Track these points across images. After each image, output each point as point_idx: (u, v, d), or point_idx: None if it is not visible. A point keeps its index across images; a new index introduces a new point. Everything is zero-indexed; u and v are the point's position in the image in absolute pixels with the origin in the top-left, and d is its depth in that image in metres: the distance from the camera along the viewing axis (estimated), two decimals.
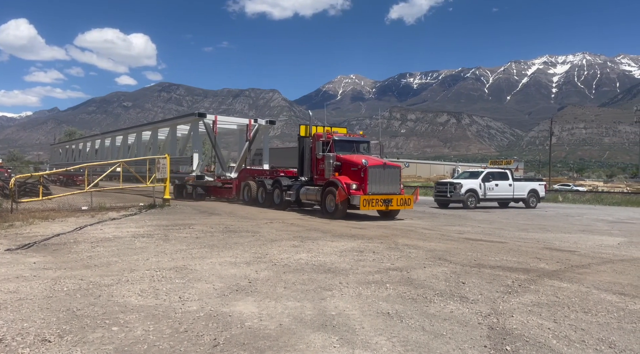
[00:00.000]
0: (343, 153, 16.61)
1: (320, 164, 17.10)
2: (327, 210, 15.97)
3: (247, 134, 26.77)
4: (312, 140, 17.77)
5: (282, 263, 7.53)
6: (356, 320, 4.69)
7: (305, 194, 17.50)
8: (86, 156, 43.29)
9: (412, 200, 16.08)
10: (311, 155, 17.71)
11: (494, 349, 4.00)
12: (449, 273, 6.95)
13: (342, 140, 17.25)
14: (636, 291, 6.01)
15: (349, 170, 15.93)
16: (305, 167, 18.12)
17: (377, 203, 15.19)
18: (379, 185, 15.54)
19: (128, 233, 10.97)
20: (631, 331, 4.47)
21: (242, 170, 24.33)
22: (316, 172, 17.38)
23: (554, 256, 8.58)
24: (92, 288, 5.84)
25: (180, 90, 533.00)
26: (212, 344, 4.03)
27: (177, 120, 30.50)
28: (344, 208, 15.48)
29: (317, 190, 16.70)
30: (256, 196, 20.78)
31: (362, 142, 17.85)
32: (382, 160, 16.42)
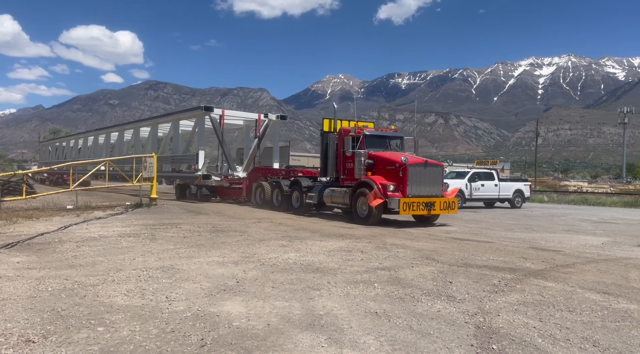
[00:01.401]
0: (374, 150, 14.88)
1: (347, 162, 15.37)
2: (359, 214, 14.12)
3: (256, 130, 25.27)
4: (338, 136, 15.96)
5: (270, 262, 7.51)
6: (344, 320, 4.70)
7: (330, 196, 15.65)
8: (78, 154, 41.44)
9: (456, 203, 14.33)
10: (336, 153, 15.94)
11: (480, 348, 4.03)
12: (436, 272, 6.99)
13: (373, 136, 15.40)
14: (620, 290, 6.10)
15: (383, 169, 14.19)
16: (330, 166, 16.25)
17: (418, 207, 13.38)
18: (419, 186, 13.79)
19: (114, 233, 10.86)
20: (615, 330, 4.54)
21: (253, 170, 22.44)
22: (343, 172, 15.65)
23: (540, 256, 8.68)
24: (77, 288, 5.77)
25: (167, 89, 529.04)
26: (199, 345, 4.00)
27: (180, 114, 28.59)
28: (379, 212, 13.60)
29: (345, 191, 14.91)
30: (270, 198, 18.81)
31: (395, 138, 15.95)
32: (423, 158, 14.54)
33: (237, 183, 23.42)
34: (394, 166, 13.92)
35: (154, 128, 30.39)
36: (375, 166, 14.46)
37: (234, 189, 23.17)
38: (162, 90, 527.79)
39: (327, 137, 16.47)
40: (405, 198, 13.31)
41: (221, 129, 24.33)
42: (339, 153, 15.83)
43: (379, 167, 14.36)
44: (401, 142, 16.04)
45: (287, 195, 17.70)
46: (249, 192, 21.05)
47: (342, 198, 15.04)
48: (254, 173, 21.71)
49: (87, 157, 37.68)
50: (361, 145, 14.94)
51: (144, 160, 18.63)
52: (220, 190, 23.82)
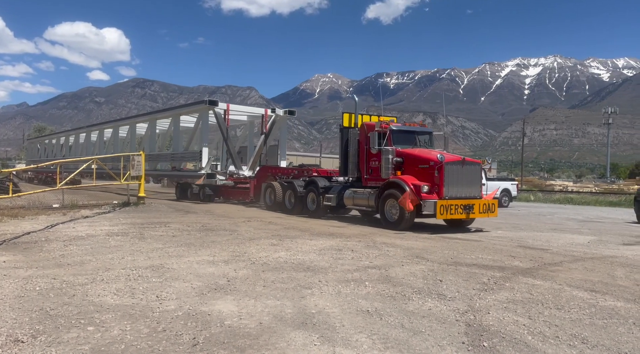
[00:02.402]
0: (402, 147, 13.50)
1: (372, 161, 14.04)
2: (387, 218, 12.84)
3: (262, 126, 23.79)
4: (360, 132, 14.70)
5: (260, 261, 7.50)
6: (336, 318, 4.71)
7: (351, 198, 14.33)
8: (69, 151, 39.53)
9: (496, 205, 13.06)
10: (358, 150, 14.64)
11: (471, 346, 4.06)
12: (426, 271, 7.03)
13: (401, 131, 14.01)
14: (606, 288, 6.20)
15: (414, 168, 12.87)
16: (350, 165, 14.94)
17: (456, 210, 12.09)
18: (457, 186, 12.45)
19: (102, 232, 10.76)
20: (602, 327, 4.61)
21: (262, 168, 20.85)
22: (366, 171, 14.31)
23: (527, 254, 8.78)
24: (66, 288, 5.71)
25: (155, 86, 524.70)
26: (191, 344, 3.98)
27: (182, 109, 26.93)
28: (411, 216, 12.38)
29: (370, 193, 13.59)
30: (282, 200, 17.22)
31: (423, 133, 14.57)
32: (459, 155, 13.27)
33: (243, 182, 22.14)
34: (427, 164, 12.58)
35: (152, 124, 28.78)
36: (405, 164, 13.15)
37: (239, 189, 21.93)
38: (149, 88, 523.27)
39: (348, 133, 15.21)
40: (441, 200, 11.96)
41: (226, 125, 22.99)
42: (361, 151, 14.57)
43: (410, 166, 13.06)
44: (430, 138, 14.68)
45: (301, 197, 16.28)
46: (257, 193, 19.72)
47: (366, 200, 13.74)
48: (263, 173, 20.27)
49: (78, 155, 35.82)
50: (388, 141, 13.52)
51: (132, 158, 18.46)
52: (225, 190, 22.58)
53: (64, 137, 43.25)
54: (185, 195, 23.31)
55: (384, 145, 13.48)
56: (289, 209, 16.88)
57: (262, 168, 20.94)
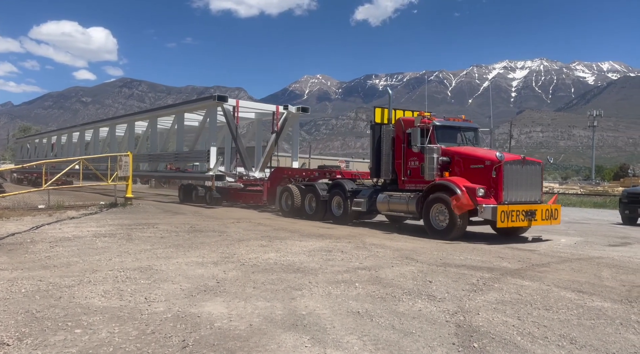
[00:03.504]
0: (446, 144, 12.15)
1: (411, 160, 12.61)
2: (433, 226, 11.43)
3: (273, 124, 22.53)
4: (396, 128, 13.20)
5: (250, 263, 7.46)
6: (327, 319, 4.69)
7: (386, 203, 12.87)
8: (61, 151, 37.84)
9: (559, 211, 11.63)
10: (393, 149, 13.16)
11: (462, 347, 4.08)
12: (416, 272, 7.05)
13: (445, 127, 12.59)
14: (593, 289, 6.27)
15: (465, 168, 11.53)
16: (384, 165, 13.37)
17: (517, 217, 10.64)
18: (517, 189, 11.07)
19: (89, 233, 10.63)
20: (590, 327, 4.66)
21: (276, 170, 19.38)
22: (404, 172, 12.80)
23: (516, 255, 8.85)
24: (52, 289, 5.63)
25: (142, 87, 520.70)
26: (181, 346, 3.94)
27: (186, 106, 25.20)
28: (464, 223, 11.02)
29: (410, 197, 12.16)
30: (301, 205, 15.76)
31: (469, 130, 13.10)
32: (518, 154, 11.98)
33: (253, 185, 20.85)
34: (482, 164, 11.23)
35: (153, 122, 27.23)
36: (453, 165, 11.78)
37: (250, 192, 20.47)
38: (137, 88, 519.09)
39: (380, 131, 13.68)
40: (502, 205, 10.57)
41: (235, 122, 21.51)
42: (397, 150, 13.08)
43: (459, 166, 11.69)
44: (475, 135, 13.17)
45: (325, 201, 14.89)
46: (270, 196, 18.15)
47: (404, 205, 12.27)
48: (277, 174, 18.74)
49: (72, 154, 34.06)
50: (431, 138, 12.04)
51: (119, 159, 18.29)
52: (234, 193, 21.04)
53: (56, 135, 41.46)
54: (190, 197, 22.09)
55: (427, 143, 11.98)
56: (309, 215, 15.43)
57: (276, 170, 19.46)
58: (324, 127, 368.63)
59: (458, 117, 13.72)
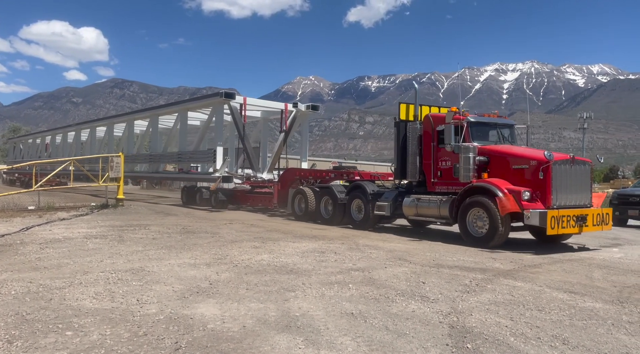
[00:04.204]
0: (481, 143, 11.16)
1: (442, 160, 11.60)
2: (470, 232, 10.40)
3: (281, 123, 21.52)
4: (424, 125, 12.19)
5: (243, 264, 7.43)
6: (320, 321, 4.68)
7: (414, 207, 11.84)
8: (55, 151, 36.79)
9: (610, 216, 10.56)
10: (420, 148, 12.17)
11: (455, 347, 4.08)
12: (409, 273, 7.06)
13: (481, 123, 11.57)
14: (585, 289, 6.31)
15: (506, 169, 10.51)
16: (410, 166, 12.38)
17: (568, 223, 9.65)
18: (566, 192, 10.04)
19: (79, 234, 10.54)
20: (582, 328, 4.68)
21: (288, 171, 18.12)
22: (434, 173, 11.80)
23: (508, 256, 8.89)
24: (43, 291, 5.57)
25: (134, 87, 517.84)
26: (173, 348, 3.91)
27: (190, 103, 24.04)
28: (506, 230, 10.02)
29: (441, 200, 11.16)
30: (316, 208, 14.78)
31: (505, 126, 12.03)
32: (566, 154, 10.77)
33: (261, 187, 19.87)
34: (527, 164, 10.24)
35: (153, 121, 26.05)
36: (492, 165, 10.80)
37: (258, 195, 19.33)
38: (128, 88, 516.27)
39: (406, 128, 12.69)
40: (552, 210, 9.52)
41: (242, 121, 20.38)
42: (425, 149, 12.07)
43: (499, 167, 10.69)
44: (511, 132, 12.14)
45: (342, 204, 13.88)
46: (281, 199, 17.16)
47: (435, 209, 11.28)
48: (289, 176, 17.56)
49: (66, 155, 32.66)
50: (465, 136, 11.06)
51: (110, 159, 18.16)
52: (241, 195, 19.93)
53: (50, 135, 40.46)
54: (193, 200, 21.08)
55: (461, 141, 11.01)
56: (326, 219, 14.47)
57: (287, 171, 18.19)
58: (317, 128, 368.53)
59: (491, 112, 12.46)
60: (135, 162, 26.68)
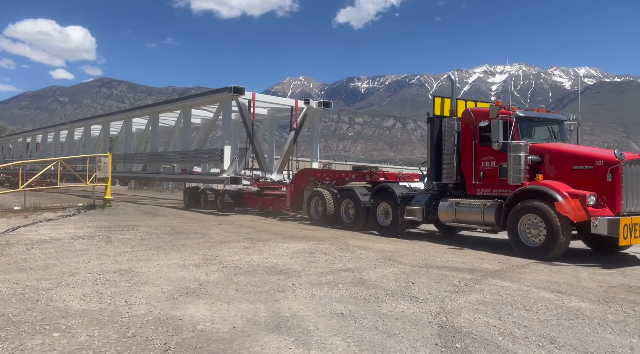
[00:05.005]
0: (532, 140, 10.12)
1: (485, 160, 10.50)
2: (522, 241, 9.24)
3: (292, 121, 20.23)
4: (463, 121, 11.05)
5: (233, 265, 7.41)
6: (310, 321, 4.69)
7: (452, 212, 10.77)
8: (47, 151, 35.21)
9: None
10: (458, 146, 11.05)
11: (444, 347, 4.11)
12: (398, 273, 7.09)
13: (530, 119, 10.53)
14: (572, 289, 6.39)
15: (564, 170, 9.43)
16: (446, 166, 11.22)
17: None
18: (638, 197, 8.96)
19: (66, 235, 10.43)
20: (569, 327, 4.74)
21: (301, 172, 17.24)
22: (476, 174, 10.64)
23: (496, 257, 8.96)
24: (29, 293, 5.50)
25: (121, 87, 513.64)
26: (162, 349, 3.89)
27: (194, 100, 22.50)
28: (567, 239, 8.82)
29: (486, 205, 10.06)
30: (335, 212, 13.75)
31: (555, 122, 10.95)
32: (636, 153, 9.57)
33: (271, 188, 18.86)
34: (591, 165, 9.10)
35: (154, 118, 24.59)
36: (546, 165, 9.74)
37: (268, 197, 18.24)
38: (116, 88, 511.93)
39: (442, 124, 11.54)
40: (624, 217, 8.45)
41: (251, 118, 19.10)
42: (464, 147, 10.97)
43: (555, 167, 9.63)
44: (561, 128, 11.00)
45: (366, 208, 12.80)
46: (295, 202, 16.15)
47: (478, 214, 10.20)
48: (303, 177, 16.60)
49: (59, 154, 31.44)
50: (513, 133, 9.96)
51: (98, 159, 17.99)
52: (249, 197, 18.74)
53: (42, 134, 39.12)
54: (197, 202, 19.88)
55: (509, 138, 9.91)
56: (346, 224, 13.41)
57: (302, 172, 17.31)
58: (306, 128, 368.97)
59: (539, 107, 11.51)
60: (134, 161, 25.94)
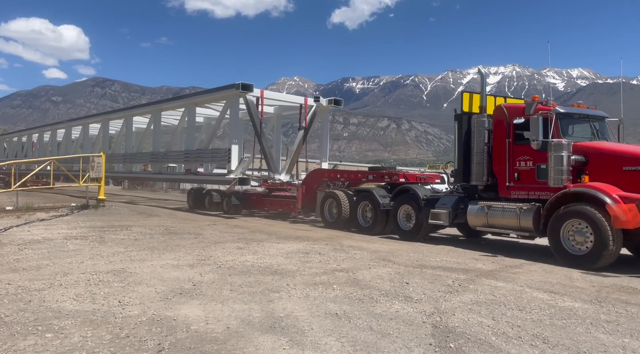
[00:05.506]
0: (572, 139, 9.27)
1: (520, 160, 9.78)
2: (565, 248, 8.53)
3: (301, 119, 19.47)
4: (496, 118, 10.40)
5: (227, 265, 7.39)
6: (305, 321, 4.69)
7: (483, 216, 10.07)
8: (44, 150, 34.67)
9: None
10: (489, 145, 10.38)
11: (438, 347, 4.13)
12: (393, 273, 7.11)
13: (572, 115, 9.78)
14: (564, 289, 6.42)
15: (612, 171, 8.68)
16: (475, 166, 10.45)
17: None
18: None
19: (59, 235, 10.36)
20: (562, 327, 4.77)
21: (314, 173, 16.65)
22: (510, 175, 9.93)
23: (489, 257, 9.01)
24: (22, 293, 5.47)
25: (115, 86, 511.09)
26: (156, 350, 3.88)
27: (199, 97, 21.64)
28: (617, 247, 8.14)
29: (522, 209, 9.36)
30: (352, 214, 13.03)
31: (597, 119, 10.10)
32: None
33: (280, 189, 18.16)
34: None
35: (156, 117, 23.79)
36: (592, 166, 8.94)
37: (277, 199, 17.55)
38: (110, 87, 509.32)
39: (470, 122, 10.92)
40: None
41: (260, 116, 18.33)
42: (495, 146, 10.29)
43: (602, 168, 8.84)
44: (602, 126, 10.16)
45: (386, 211, 12.04)
46: (306, 204, 15.50)
47: (514, 219, 9.48)
48: (315, 178, 15.95)
49: (56, 154, 30.81)
50: (554, 131, 9.22)
51: (92, 159, 17.90)
52: (257, 199, 18.15)
53: (38, 133, 38.25)
54: (202, 204, 19.25)
55: (549, 136, 9.19)
56: (364, 228, 12.67)
57: (313, 172, 16.75)
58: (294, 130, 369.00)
59: (577, 102, 10.47)
60: (134, 161, 25.43)
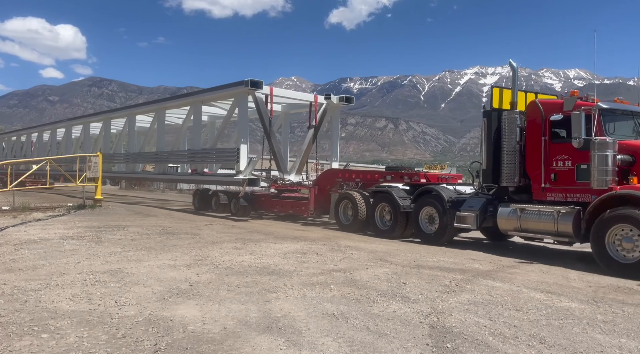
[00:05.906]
0: (616, 137, 8.58)
1: (557, 160, 9.11)
2: (611, 255, 7.88)
3: (310, 117, 18.84)
4: (530, 115, 9.76)
5: (224, 265, 7.38)
6: (302, 322, 4.68)
7: (515, 219, 9.45)
8: (44, 149, 34.18)
9: None
10: (522, 143, 9.77)
11: (435, 347, 4.13)
12: (390, 273, 7.11)
13: (616, 111, 9.12)
14: (561, 289, 6.43)
15: None
16: (506, 166, 9.84)
17: None
18: None
19: (56, 235, 10.33)
20: (559, 327, 4.78)
21: (327, 173, 16.17)
22: (546, 176, 9.26)
23: (486, 258, 9.02)
24: (17, 293, 5.44)
25: (112, 86, 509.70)
26: (153, 350, 3.87)
27: (206, 95, 20.53)
28: None
29: (560, 212, 8.74)
30: (367, 217, 12.48)
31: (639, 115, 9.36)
32: None
33: (290, 190, 17.61)
34: None
35: (160, 115, 23.09)
36: (637, 167, 8.35)
37: (288, 200, 16.88)
38: (107, 87, 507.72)
39: (500, 119, 10.23)
40: None
41: (269, 115, 17.70)
42: (529, 145, 9.67)
43: None
44: None
45: (406, 213, 11.47)
46: (319, 205, 14.83)
47: (551, 223, 8.86)
48: (328, 178, 15.35)
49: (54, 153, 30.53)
50: (597, 128, 8.46)
51: (88, 159, 17.86)
52: (266, 200, 17.55)
53: (37, 132, 37.76)
54: (208, 205, 18.57)
55: (591, 134, 8.42)
56: (382, 231, 12.02)
57: (326, 173, 16.20)
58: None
59: (618, 98, 9.81)
60: (137, 161, 24.95)
